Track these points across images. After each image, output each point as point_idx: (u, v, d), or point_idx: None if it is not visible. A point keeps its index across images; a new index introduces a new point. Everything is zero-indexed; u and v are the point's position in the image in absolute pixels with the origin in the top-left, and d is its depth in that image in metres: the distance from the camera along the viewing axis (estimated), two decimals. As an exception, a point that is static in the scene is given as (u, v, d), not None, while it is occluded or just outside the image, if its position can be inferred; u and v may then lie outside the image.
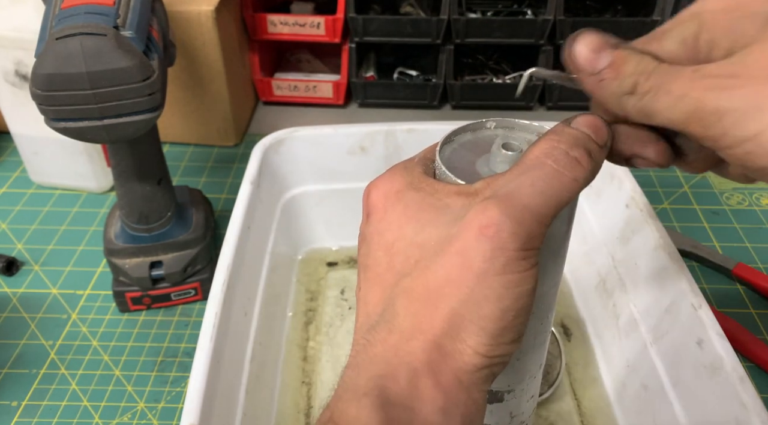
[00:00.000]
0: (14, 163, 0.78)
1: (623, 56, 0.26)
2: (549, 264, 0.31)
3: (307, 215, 0.64)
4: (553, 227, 0.29)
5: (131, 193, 0.56)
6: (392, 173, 0.29)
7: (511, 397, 0.36)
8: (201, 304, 0.61)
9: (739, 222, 0.69)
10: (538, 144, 0.27)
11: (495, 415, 0.36)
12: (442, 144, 0.30)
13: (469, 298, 0.25)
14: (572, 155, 0.26)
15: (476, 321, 0.25)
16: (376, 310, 0.27)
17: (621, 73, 0.26)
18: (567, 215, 0.30)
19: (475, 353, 0.25)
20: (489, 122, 0.32)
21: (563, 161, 0.26)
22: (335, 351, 0.56)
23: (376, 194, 0.29)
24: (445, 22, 0.81)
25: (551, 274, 0.32)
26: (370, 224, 0.29)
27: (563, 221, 0.30)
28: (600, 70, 0.27)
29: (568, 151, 0.26)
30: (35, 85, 0.45)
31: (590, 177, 0.27)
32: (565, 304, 0.60)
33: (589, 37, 0.27)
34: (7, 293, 0.62)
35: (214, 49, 0.74)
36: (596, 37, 0.27)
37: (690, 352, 0.42)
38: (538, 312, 0.33)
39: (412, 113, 0.88)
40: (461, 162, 0.30)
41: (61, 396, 0.53)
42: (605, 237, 0.57)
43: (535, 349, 0.35)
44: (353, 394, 0.25)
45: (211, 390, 0.40)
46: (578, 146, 0.26)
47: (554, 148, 0.26)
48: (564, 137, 0.27)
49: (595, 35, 0.27)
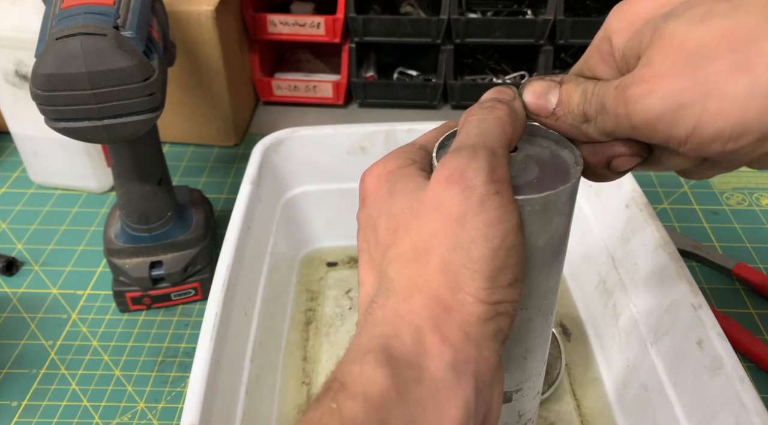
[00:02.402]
0: (14, 163, 0.78)
1: (568, 91, 0.29)
2: (553, 261, 0.31)
3: (307, 215, 0.64)
4: (554, 224, 0.29)
5: (131, 193, 0.56)
6: (387, 157, 0.30)
7: (519, 396, 0.36)
8: (201, 304, 0.61)
9: (739, 222, 0.69)
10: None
11: (504, 415, 0.37)
12: (438, 148, 0.31)
13: (456, 244, 0.25)
14: (485, 106, 0.29)
15: (469, 265, 0.25)
16: (372, 286, 0.28)
17: (570, 108, 0.29)
18: (567, 211, 0.30)
19: (475, 300, 0.25)
20: None
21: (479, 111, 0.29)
22: (335, 351, 0.56)
23: (369, 178, 0.30)
24: (445, 22, 0.81)
25: (554, 271, 0.32)
26: (363, 209, 0.30)
27: (564, 217, 0.30)
28: (552, 110, 0.29)
29: (480, 106, 0.29)
30: (35, 85, 0.45)
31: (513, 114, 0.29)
32: (565, 304, 0.60)
33: (532, 85, 0.30)
34: (7, 293, 0.62)
35: (214, 49, 0.74)
36: (539, 84, 0.30)
37: (690, 352, 0.42)
38: (543, 309, 0.33)
39: (412, 113, 0.88)
40: None
41: (61, 396, 0.53)
42: (605, 237, 0.57)
43: (541, 346, 0.35)
44: (356, 353, 0.25)
45: (211, 390, 0.40)
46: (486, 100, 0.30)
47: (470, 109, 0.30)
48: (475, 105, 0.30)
49: (538, 82, 0.30)
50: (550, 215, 0.29)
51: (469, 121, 0.28)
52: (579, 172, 0.29)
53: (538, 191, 0.28)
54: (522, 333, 0.33)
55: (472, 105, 0.30)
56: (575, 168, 0.30)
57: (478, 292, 0.25)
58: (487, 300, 0.25)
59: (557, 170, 0.30)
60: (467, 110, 0.30)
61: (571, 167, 0.30)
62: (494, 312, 0.26)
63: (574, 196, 0.30)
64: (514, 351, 0.33)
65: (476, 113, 0.29)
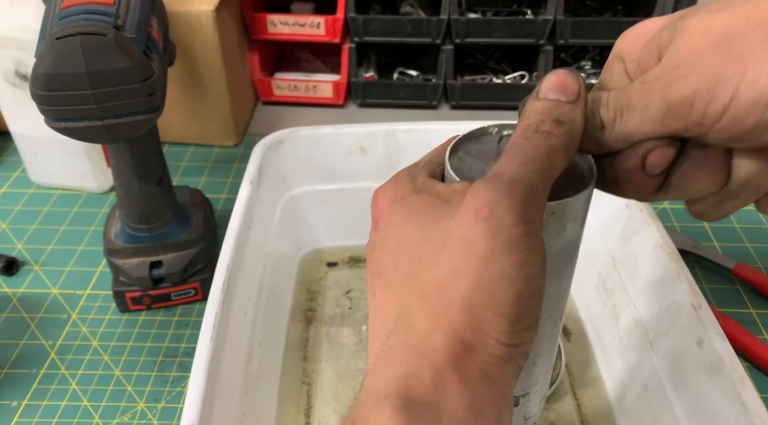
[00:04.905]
0: (14, 163, 0.78)
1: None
2: (565, 268, 0.31)
3: (307, 215, 0.64)
4: (568, 230, 0.29)
5: (131, 193, 0.56)
6: (398, 179, 0.30)
7: (526, 401, 0.36)
8: (201, 304, 0.61)
9: (739, 222, 0.69)
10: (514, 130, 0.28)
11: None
12: (450, 153, 0.30)
13: (480, 285, 0.24)
14: (541, 130, 0.27)
15: (492, 308, 0.24)
16: (391, 315, 0.27)
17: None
18: (580, 218, 0.30)
19: (497, 343, 0.25)
20: (491, 127, 0.32)
21: (533, 137, 0.26)
22: (335, 351, 0.56)
23: (382, 201, 0.29)
24: (445, 22, 0.81)
25: (565, 278, 0.32)
26: (378, 231, 0.29)
27: (578, 224, 0.30)
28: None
29: (536, 128, 0.27)
30: (35, 85, 0.45)
31: (569, 139, 0.27)
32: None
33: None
34: (7, 293, 0.62)
35: (214, 49, 0.74)
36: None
37: (690, 352, 0.42)
38: (554, 315, 0.33)
39: (412, 113, 0.88)
40: (470, 171, 0.30)
41: (61, 396, 0.53)
42: (605, 237, 0.57)
43: (550, 351, 0.35)
44: (374, 400, 0.24)
45: (211, 390, 0.40)
46: (544, 120, 0.27)
47: (524, 129, 0.27)
48: (530, 115, 0.27)
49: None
50: (565, 221, 0.28)
51: (518, 144, 0.26)
52: (593, 179, 0.29)
53: (552, 197, 0.27)
54: None
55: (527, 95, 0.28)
56: (589, 175, 0.29)
57: (500, 335, 0.25)
58: (508, 343, 0.25)
59: (571, 177, 0.29)
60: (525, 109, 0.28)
61: (585, 174, 0.30)
62: (514, 353, 0.25)
63: (588, 203, 0.30)
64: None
65: (529, 137, 0.26)
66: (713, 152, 0.27)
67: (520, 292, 0.25)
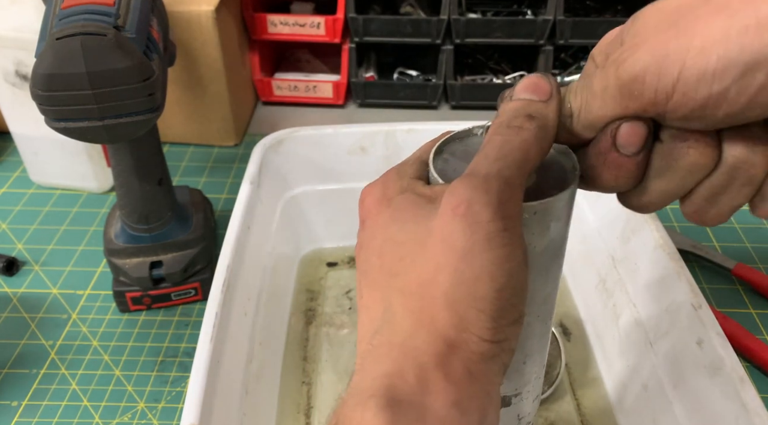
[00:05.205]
0: (14, 163, 0.78)
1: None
2: (551, 267, 0.31)
3: (307, 215, 0.64)
4: (552, 230, 0.29)
5: (131, 193, 0.56)
6: (385, 179, 0.30)
7: (518, 400, 0.36)
8: (201, 304, 0.61)
9: (739, 222, 0.69)
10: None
11: (503, 420, 0.36)
12: (434, 155, 0.30)
13: (460, 281, 0.25)
14: (513, 125, 0.27)
15: (474, 304, 0.25)
16: (377, 314, 0.27)
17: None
18: (564, 217, 0.30)
19: (480, 339, 0.25)
20: (476, 129, 0.32)
21: (506, 132, 0.27)
22: (335, 351, 0.56)
23: (369, 200, 0.29)
24: (445, 22, 0.81)
25: (552, 276, 0.32)
26: (365, 231, 0.29)
27: (562, 223, 0.30)
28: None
29: (508, 124, 0.27)
30: (35, 85, 0.45)
31: (542, 133, 0.27)
32: (565, 304, 0.60)
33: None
34: (7, 293, 0.62)
35: (214, 49, 0.74)
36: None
37: (690, 352, 0.43)
38: (542, 314, 0.33)
39: (412, 113, 0.88)
40: (455, 173, 0.30)
41: (61, 396, 0.53)
42: (605, 237, 0.57)
43: (540, 351, 0.35)
44: (358, 398, 0.24)
45: (211, 390, 0.40)
46: (516, 116, 0.28)
47: (497, 126, 0.28)
48: (503, 114, 0.28)
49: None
50: (548, 221, 0.29)
51: (492, 141, 0.27)
52: (576, 177, 0.29)
53: (536, 197, 0.28)
54: (521, 339, 0.33)
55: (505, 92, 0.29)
56: (572, 173, 0.29)
57: (483, 332, 0.25)
58: (491, 339, 0.25)
59: (554, 176, 0.30)
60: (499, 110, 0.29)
61: (569, 173, 0.30)
62: (498, 350, 0.25)
63: (571, 202, 0.30)
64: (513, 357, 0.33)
65: (502, 133, 0.27)
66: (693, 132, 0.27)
67: (501, 288, 0.25)
